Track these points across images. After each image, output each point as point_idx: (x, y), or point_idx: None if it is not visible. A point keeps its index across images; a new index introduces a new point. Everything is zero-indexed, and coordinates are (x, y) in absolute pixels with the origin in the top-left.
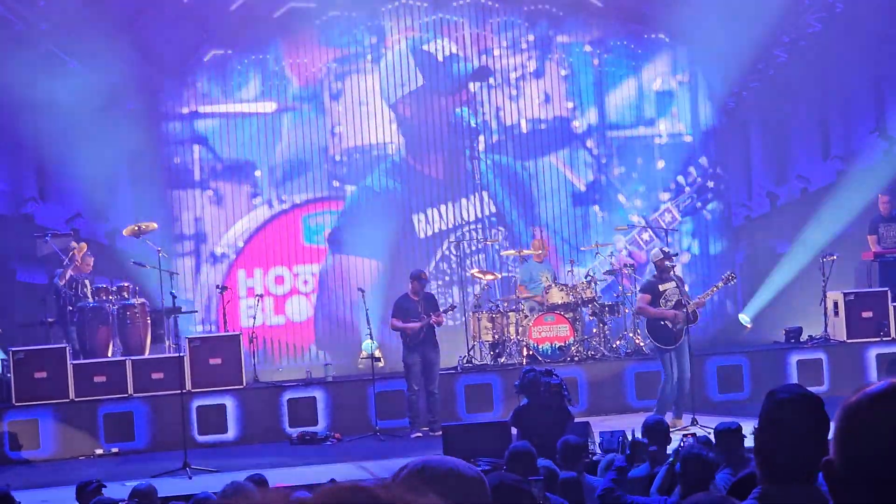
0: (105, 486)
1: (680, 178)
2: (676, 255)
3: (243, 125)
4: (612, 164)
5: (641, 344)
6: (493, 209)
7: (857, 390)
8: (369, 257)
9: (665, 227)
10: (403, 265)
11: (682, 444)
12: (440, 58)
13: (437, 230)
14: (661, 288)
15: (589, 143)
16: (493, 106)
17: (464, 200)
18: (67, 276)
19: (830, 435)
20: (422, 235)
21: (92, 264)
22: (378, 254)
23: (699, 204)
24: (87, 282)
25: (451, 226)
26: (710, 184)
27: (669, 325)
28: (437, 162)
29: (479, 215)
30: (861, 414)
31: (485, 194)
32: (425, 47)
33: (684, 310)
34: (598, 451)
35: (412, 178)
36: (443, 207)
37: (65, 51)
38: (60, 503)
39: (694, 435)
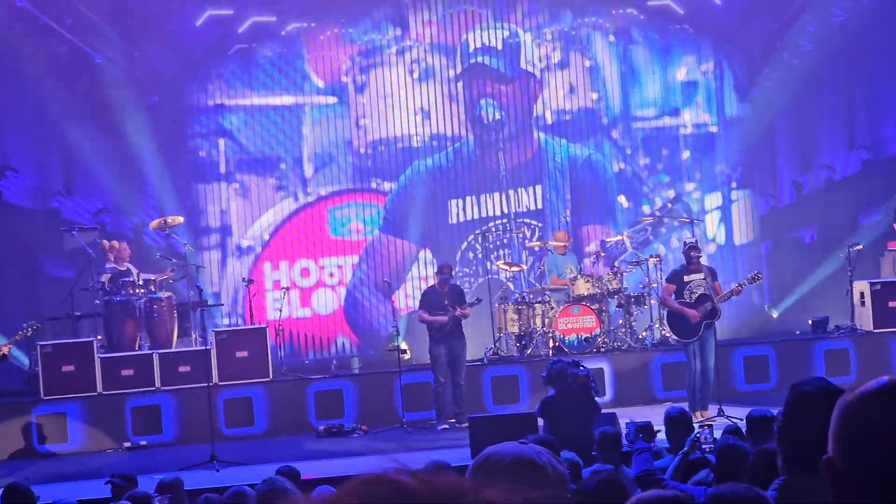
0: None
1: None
2: (694, 244)
3: (268, 118)
4: (637, 154)
5: (668, 335)
6: (523, 203)
7: (854, 387)
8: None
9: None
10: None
11: (697, 436)
12: (470, 50)
13: (469, 218)
14: (686, 279)
15: (614, 134)
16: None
17: (491, 194)
18: (105, 276)
19: (829, 431)
20: (453, 221)
21: (128, 249)
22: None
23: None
24: (132, 270)
25: (480, 216)
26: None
27: (689, 319)
28: (462, 154)
29: (506, 210)
30: (860, 411)
31: (514, 190)
32: (450, 40)
33: (704, 307)
34: (625, 442)
35: (443, 168)
36: (469, 199)
37: (90, 45)
38: (87, 496)
39: (710, 426)
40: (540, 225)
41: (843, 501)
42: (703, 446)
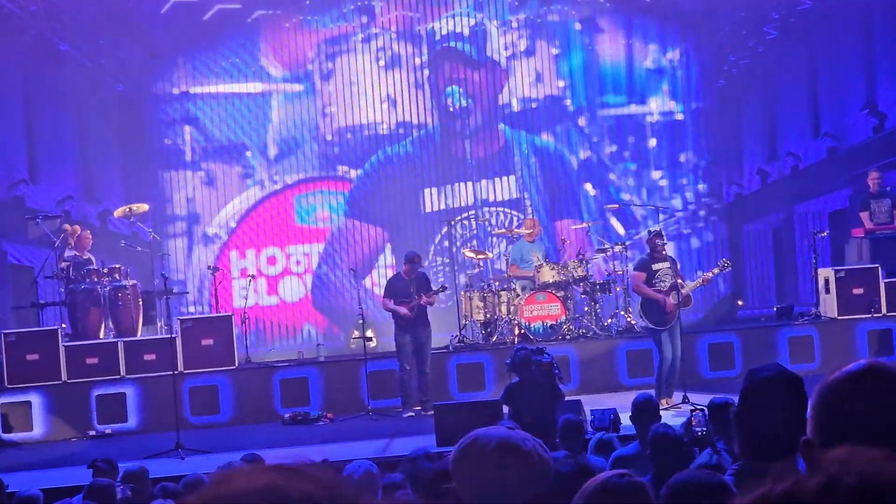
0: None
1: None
2: (658, 233)
3: (234, 106)
4: (603, 142)
5: (633, 322)
6: (498, 192)
7: (833, 370)
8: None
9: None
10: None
11: (690, 419)
12: (436, 38)
13: (442, 207)
14: (654, 267)
15: (580, 122)
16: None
17: (464, 183)
18: (65, 263)
19: (808, 414)
20: (428, 210)
21: (90, 238)
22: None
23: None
24: (91, 258)
25: (453, 206)
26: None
27: (663, 307)
28: (430, 142)
29: (471, 201)
30: (839, 394)
31: (481, 182)
32: (417, 28)
33: (677, 293)
34: (590, 429)
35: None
36: (444, 189)
37: (55, 33)
38: (52, 484)
39: (703, 410)
40: (517, 214)
41: None
42: (696, 429)
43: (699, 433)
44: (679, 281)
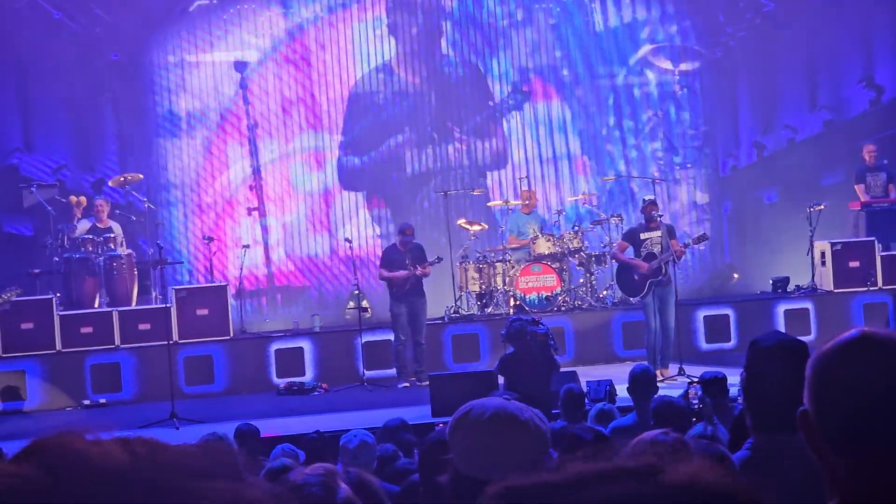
0: None
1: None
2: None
3: (229, 74)
4: (600, 113)
5: None
6: (482, 157)
7: (828, 340)
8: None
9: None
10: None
11: (687, 391)
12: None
13: (426, 169)
14: (642, 236)
15: (578, 93)
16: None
17: (450, 147)
18: (84, 229)
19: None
20: (408, 171)
21: (105, 206)
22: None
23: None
24: (112, 226)
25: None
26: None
27: (635, 276)
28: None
29: (466, 163)
30: (833, 364)
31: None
32: None
33: (650, 265)
34: (586, 400)
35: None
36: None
37: (49, 2)
38: None
39: (700, 383)
40: (502, 171)
41: (818, 453)
42: (693, 401)
43: (696, 406)
44: (676, 248)
